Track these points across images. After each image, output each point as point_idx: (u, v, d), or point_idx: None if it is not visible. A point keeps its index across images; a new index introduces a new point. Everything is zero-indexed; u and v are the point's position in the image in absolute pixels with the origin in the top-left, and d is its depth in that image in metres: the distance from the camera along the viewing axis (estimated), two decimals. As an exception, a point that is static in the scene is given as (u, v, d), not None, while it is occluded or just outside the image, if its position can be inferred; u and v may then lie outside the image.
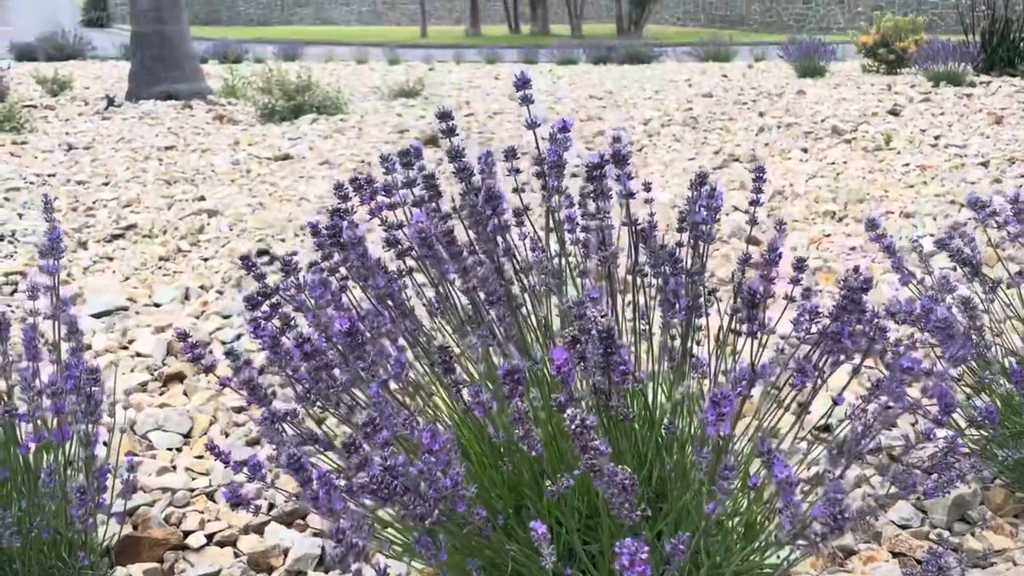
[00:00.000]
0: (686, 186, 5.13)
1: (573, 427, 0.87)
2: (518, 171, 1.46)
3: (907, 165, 4.96)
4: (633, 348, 1.44)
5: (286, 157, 5.98)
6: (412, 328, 1.36)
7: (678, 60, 16.08)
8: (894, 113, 6.86)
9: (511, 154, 1.44)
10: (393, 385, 1.22)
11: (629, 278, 1.42)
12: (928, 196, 4.20)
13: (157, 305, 3.10)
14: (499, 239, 1.17)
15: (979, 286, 1.72)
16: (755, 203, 1.48)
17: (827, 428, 2.02)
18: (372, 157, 5.81)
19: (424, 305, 1.41)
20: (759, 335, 1.22)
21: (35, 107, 8.85)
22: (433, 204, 1.44)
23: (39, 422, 1.24)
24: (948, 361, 1.16)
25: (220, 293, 3.18)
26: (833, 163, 5.16)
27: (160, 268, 3.56)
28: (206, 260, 3.62)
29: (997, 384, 1.60)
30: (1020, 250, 2.93)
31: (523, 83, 1.41)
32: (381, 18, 40.55)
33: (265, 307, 1.39)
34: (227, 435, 2.09)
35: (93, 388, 1.25)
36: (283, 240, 3.84)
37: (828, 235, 3.69)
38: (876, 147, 5.52)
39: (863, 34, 11.03)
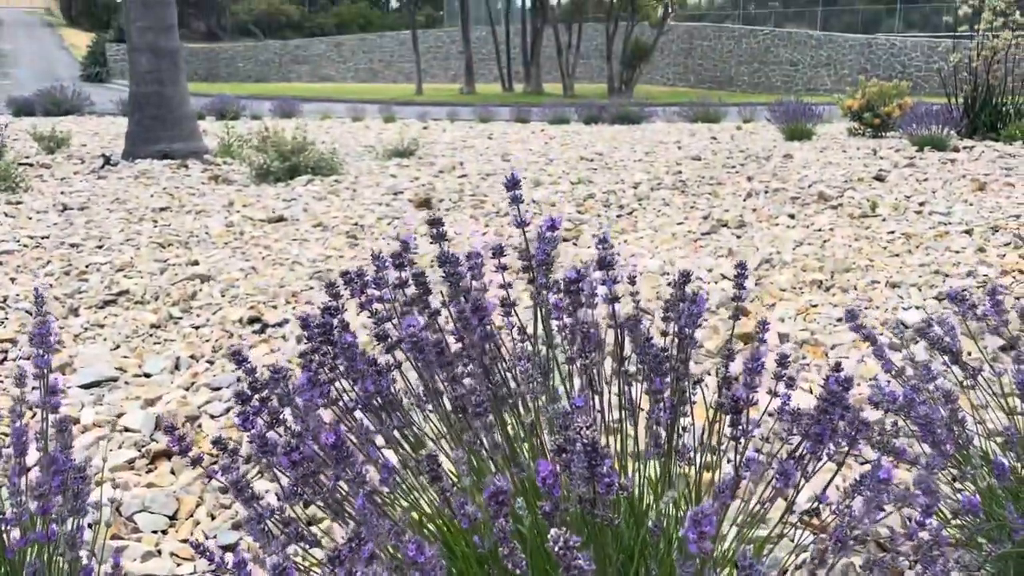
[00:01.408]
0: (675, 251, 5.10)
1: (556, 549, 0.88)
2: (505, 267, 1.50)
3: (892, 233, 5.03)
4: (619, 426, 1.46)
5: (280, 219, 6.03)
6: (400, 424, 1.38)
7: (668, 121, 16.37)
8: (879, 179, 6.99)
9: (499, 252, 1.47)
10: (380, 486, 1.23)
11: (619, 350, 1.44)
12: (913, 266, 4.26)
13: (147, 375, 3.10)
14: (487, 346, 1.19)
15: (959, 371, 1.75)
16: (738, 299, 1.51)
17: (815, 512, 2.02)
18: (366, 220, 5.87)
19: (411, 401, 1.42)
20: (742, 440, 1.24)
21: (31, 165, 8.93)
22: (424, 299, 1.47)
23: (25, 521, 1.24)
24: (926, 469, 1.18)
25: (210, 363, 3.18)
26: (820, 230, 5.23)
27: (151, 336, 3.56)
28: (197, 328, 3.63)
29: (982, 477, 1.61)
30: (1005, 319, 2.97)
31: (513, 184, 1.46)
32: (377, 76, 41.28)
33: (255, 401, 1.41)
34: (213, 517, 2.08)
35: (80, 487, 1.25)
36: (275, 307, 3.85)
37: (815, 305, 3.73)
38: (862, 213, 5.61)
39: (849, 98, 11.27)
